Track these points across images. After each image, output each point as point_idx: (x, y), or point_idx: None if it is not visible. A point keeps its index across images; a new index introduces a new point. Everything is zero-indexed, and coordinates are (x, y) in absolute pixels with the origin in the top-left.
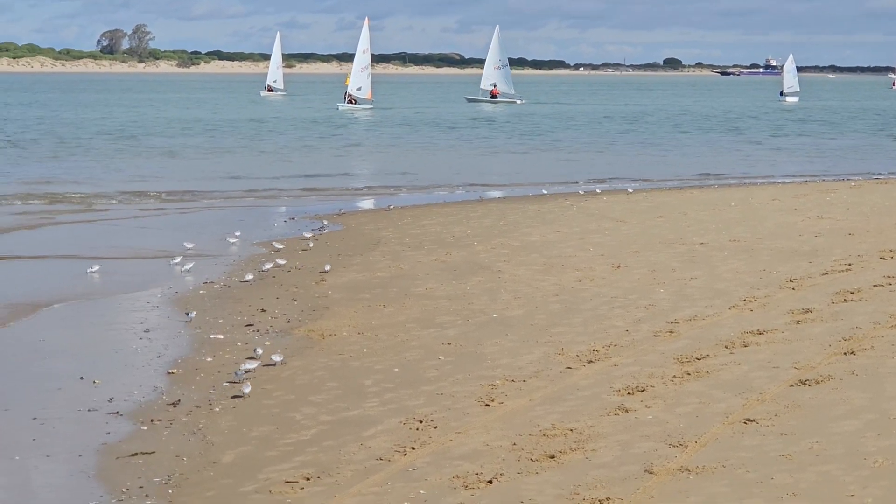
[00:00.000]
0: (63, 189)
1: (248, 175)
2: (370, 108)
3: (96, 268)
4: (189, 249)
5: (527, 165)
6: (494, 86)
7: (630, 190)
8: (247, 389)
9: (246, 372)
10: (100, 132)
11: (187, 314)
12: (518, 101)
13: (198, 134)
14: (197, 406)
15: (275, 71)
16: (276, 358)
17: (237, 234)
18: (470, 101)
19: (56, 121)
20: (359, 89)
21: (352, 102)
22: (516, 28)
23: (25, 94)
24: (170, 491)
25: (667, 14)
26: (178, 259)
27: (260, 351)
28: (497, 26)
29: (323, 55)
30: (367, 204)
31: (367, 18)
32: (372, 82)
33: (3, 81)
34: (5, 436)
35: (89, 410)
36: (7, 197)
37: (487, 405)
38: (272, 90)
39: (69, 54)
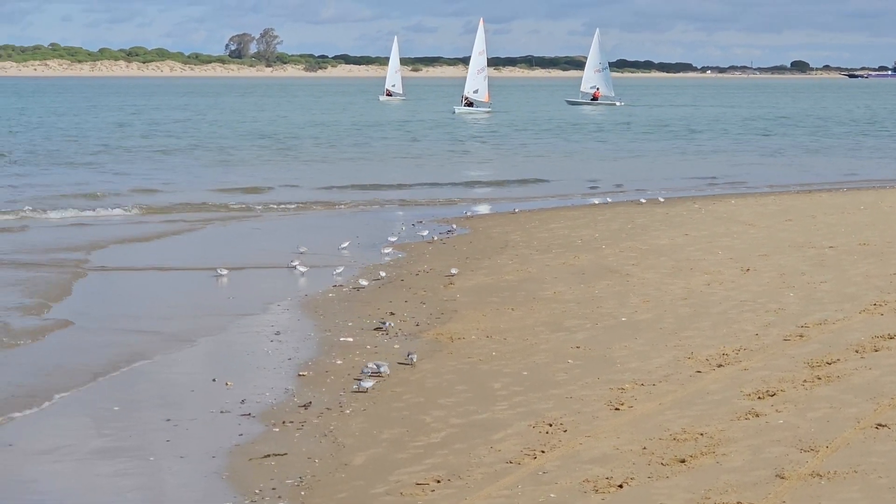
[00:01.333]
0: (205, 198)
1: (372, 179)
2: (488, 112)
3: (225, 272)
4: (316, 253)
5: (651, 168)
6: (597, 88)
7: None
8: (414, 357)
9: (373, 374)
10: (243, 136)
11: (384, 323)
12: (618, 104)
13: (322, 138)
14: (328, 408)
15: (393, 75)
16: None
17: (365, 237)
18: (570, 103)
19: (211, 125)
20: (475, 92)
21: (468, 105)
22: (643, 30)
23: (167, 98)
24: (302, 493)
25: (794, 16)
26: (298, 262)
27: (414, 357)
28: (597, 29)
29: (449, 59)
30: (493, 208)
31: (482, 20)
32: (489, 85)
33: (136, 86)
34: (141, 437)
35: (222, 412)
36: (176, 206)
37: (617, 409)
38: (391, 94)
39: (198, 58)
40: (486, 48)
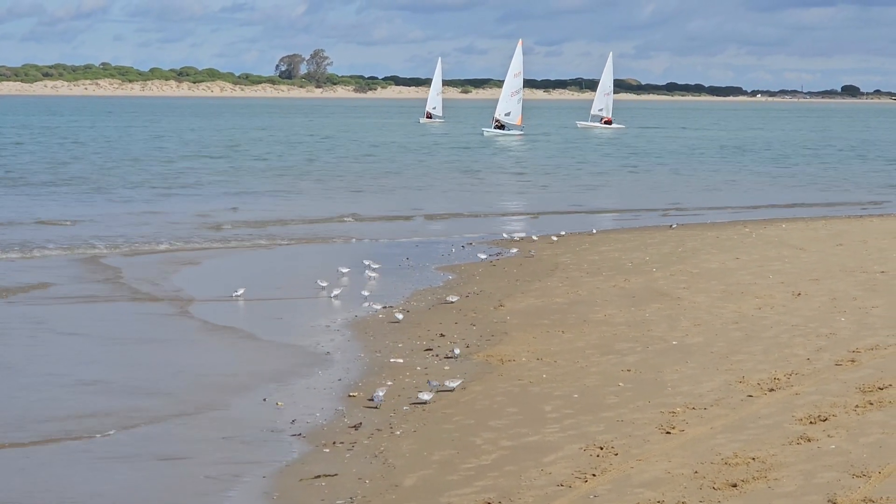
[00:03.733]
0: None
1: (418, 202)
2: (520, 134)
3: (241, 291)
4: (371, 275)
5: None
6: (606, 114)
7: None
8: (454, 384)
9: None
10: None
11: (454, 352)
12: (624, 127)
13: (370, 160)
14: (378, 429)
15: (434, 97)
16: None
17: (414, 259)
18: (581, 126)
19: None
20: (507, 114)
21: (499, 128)
22: (694, 54)
23: (247, 119)
24: None
25: (846, 41)
26: (328, 284)
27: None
28: (611, 53)
29: (499, 80)
30: (541, 231)
31: (520, 41)
32: (523, 107)
33: (189, 105)
34: (193, 455)
35: (272, 431)
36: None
37: (668, 433)
38: (431, 117)
39: (248, 79)
40: (524, 69)
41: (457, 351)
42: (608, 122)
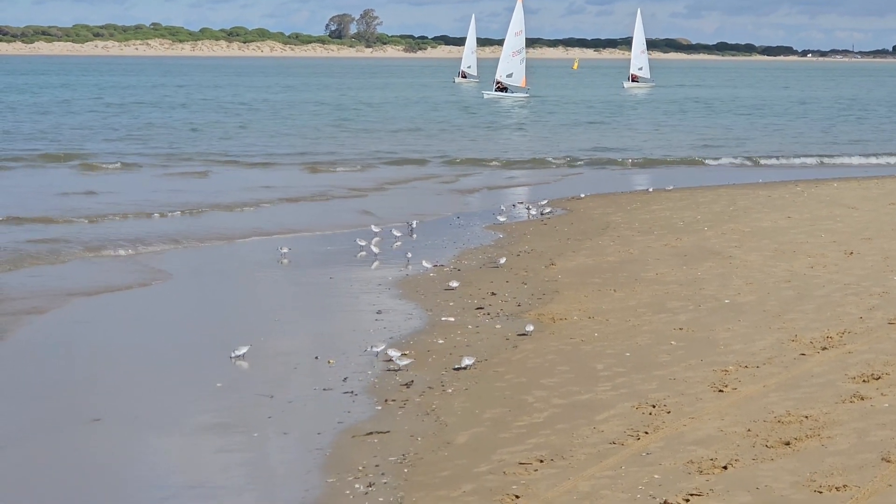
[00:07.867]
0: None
1: (466, 159)
2: (525, 97)
3: (286, 249)
4: (420, 234)
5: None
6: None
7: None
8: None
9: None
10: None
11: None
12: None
13: (399, 118)
14: (430, 387)
15: (469, 56)
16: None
17: (465, 218)
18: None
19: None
20: (509, 76)
21: (501, 90)
22: (746, 13)
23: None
24: (405, 470)
25: None
26: (366, 243)
27: (531, 328)
28: (639, 9)
29: (549, 40)
30: (592, 189)
31: None
32: (526, 67)
33: (240, 66)
34: (245, 413)
35: (324, 390)
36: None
37: (721, 391)
38: (465, 76)
39: (298, 39)
40: (525, 28)
41: (529, 327)
42: (634, 79)
